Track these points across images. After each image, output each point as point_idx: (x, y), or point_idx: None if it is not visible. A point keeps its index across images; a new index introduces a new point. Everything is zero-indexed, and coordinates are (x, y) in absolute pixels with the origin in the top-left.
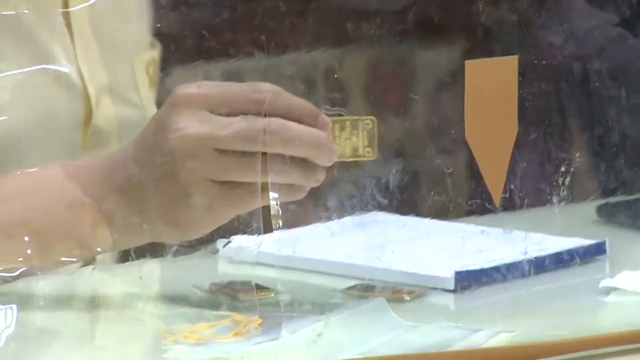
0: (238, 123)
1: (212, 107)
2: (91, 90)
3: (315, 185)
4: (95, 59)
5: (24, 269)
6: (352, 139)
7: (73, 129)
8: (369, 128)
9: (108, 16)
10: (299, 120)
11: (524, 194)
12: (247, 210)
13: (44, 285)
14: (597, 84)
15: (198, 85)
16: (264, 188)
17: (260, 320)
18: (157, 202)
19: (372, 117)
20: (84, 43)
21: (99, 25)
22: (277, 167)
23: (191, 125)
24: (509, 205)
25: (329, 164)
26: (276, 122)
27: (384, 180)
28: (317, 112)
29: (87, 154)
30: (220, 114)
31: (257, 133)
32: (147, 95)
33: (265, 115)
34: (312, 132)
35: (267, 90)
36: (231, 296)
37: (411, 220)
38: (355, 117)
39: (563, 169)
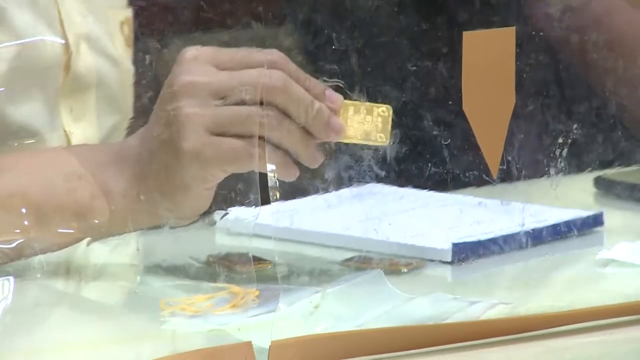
0: (240, 73)
1: (218, 64)
2: (70, 36)
3: (313, 165)
4: (72, 6)
5: (21, 240)
6: (366, 123)
7: (54, 67)
8: (384, 115)
9: None
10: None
11: (522, 166)
12: (241, 169)
13: (41, 257)
14: (594, 55)
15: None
16: (262, 157)
17: (257, 292)
18: (154, 173)
19: (387, 106)
20: None
21: None
22: (274, 123)
23: (195, 73)
24: (507, 176)
25: (329, 139)
26: (279, 77)
27: (381, 152)
28: (324, 87)
29: (65, 98)
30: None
31: (257, 83)
32: (123, 53)
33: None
34: (313, 99)
35: (274, 53)
36: (228, 268)
37: (408, 192)
38: (371, 104)
39: (560, 140)
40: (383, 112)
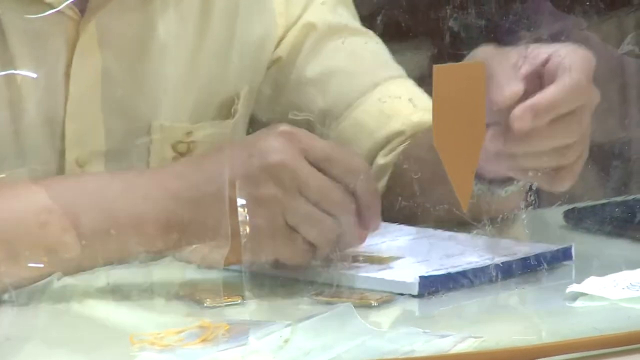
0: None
1: (309, 155)
2: None
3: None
4: None
5: None
6: None
7: None
8: None
9: None
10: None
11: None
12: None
13: (11, 291)
14: None
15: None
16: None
17: (227, 327)
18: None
19: None
20: None
21: None
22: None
23: (293, 156)
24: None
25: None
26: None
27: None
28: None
29: None
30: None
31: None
32: None
33: None
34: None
35: (361, 168)
36: (199, 302)
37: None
38: None
39: (530, 174)
40: None
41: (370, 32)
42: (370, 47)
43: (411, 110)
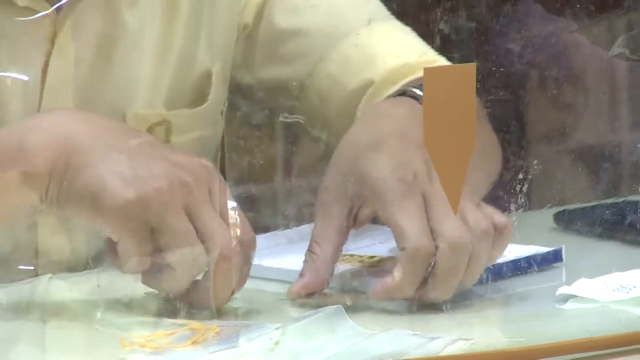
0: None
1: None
2: None
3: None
4: None
5: None
6: None
7: None
8: None
9: None
10: None
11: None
12: None
13: (1, 293)
14: (554, 91)
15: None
16: None
17: (217, 329)
18: None
19: None
20: None
21: None
22: None
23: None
24: None
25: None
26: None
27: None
28: None
29: None
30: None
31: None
32: None
33: None
34: None
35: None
36: (189, 304)
37: (368, 228)
38: None
39: (521, 176)
40: None
41: None
42: None
43: (386, 56)
